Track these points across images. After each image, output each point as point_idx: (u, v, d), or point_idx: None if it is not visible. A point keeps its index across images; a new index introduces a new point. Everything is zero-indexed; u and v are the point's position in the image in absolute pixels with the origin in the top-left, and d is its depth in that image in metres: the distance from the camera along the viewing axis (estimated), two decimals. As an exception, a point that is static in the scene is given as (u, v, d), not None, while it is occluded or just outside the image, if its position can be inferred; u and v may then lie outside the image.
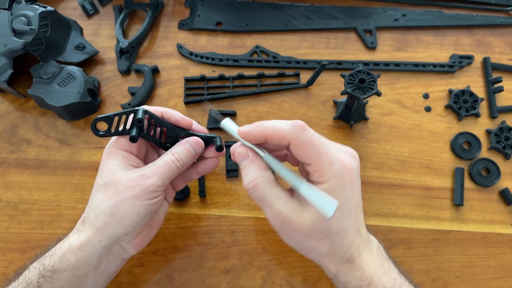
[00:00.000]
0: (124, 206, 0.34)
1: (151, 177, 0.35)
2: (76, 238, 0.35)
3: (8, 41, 0.50)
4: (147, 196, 0.34)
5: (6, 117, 0.55)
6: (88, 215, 0.36)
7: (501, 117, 0.54)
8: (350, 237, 0.33)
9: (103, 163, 0.37)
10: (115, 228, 0.35)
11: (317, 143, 0.32)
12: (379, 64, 0.57)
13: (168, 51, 0.59)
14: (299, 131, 0.31)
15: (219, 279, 0.45)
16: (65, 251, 0.34)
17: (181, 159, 0.37)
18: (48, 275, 0.34)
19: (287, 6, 0.62)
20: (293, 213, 0.32)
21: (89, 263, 0.35)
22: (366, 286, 0.34)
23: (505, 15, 0.61)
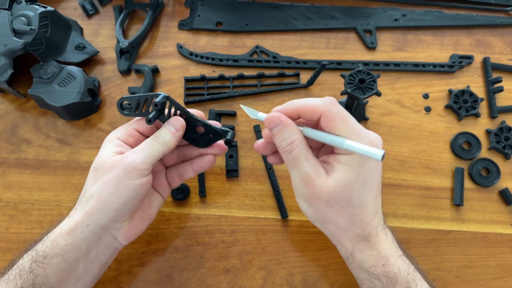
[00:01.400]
0: (108, 188, 0.34)
1: (131, 155, 0.35)
2: (66, 223, 0.36)
3: (8, 41, 0.50)
4: (128, 176, 0.34)
5: (6, 117, 0.55)
6: (80, 199, 0.37)
7: (501, 117, 0.54)
8: (370, 214, 0.35)
9: (100, 150, 0.37)
10: (100, 212, 0.35)
11: (346, 117, 0.34)
12: (379, 64, 0.57)
13: (168, 51, 0.59)
14: (331, 104, 0.34)
15: (219, 279, 0.45)
16: (56, 236, 0.35)
17: (165, 140, 0.36)
18: (40, 260, 0.34)
19: (287, 6, 0.62)
20: (319, 176, 0.34)
21: (79, 248, 0.35)
22: (382, 266, 0.34)
23: (505, 15, 0.61)
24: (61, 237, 0.35)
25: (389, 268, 0.34)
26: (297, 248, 0.47)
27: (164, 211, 0.49)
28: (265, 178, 0.50)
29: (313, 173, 0.34)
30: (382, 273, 0.35)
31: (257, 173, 0.51)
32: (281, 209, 0.48)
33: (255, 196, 0.49)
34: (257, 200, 0.49)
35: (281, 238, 0.47)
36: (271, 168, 0.50)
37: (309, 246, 0.47)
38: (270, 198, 0.49)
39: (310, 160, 0.34)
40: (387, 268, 0.34)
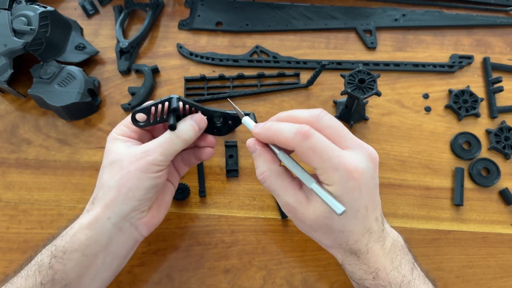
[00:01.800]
0: (130, 179, 0.35)
1: (154, 153, 0.36)
2: (86, 217, 0.36)
3: (8, 41, 0.50)
4: (151, 169, 0.35)
5: (6, 117, 0.55)
6: (96, 194, 0.37)
7: (501, 117, 0.54)
8: (356, 236, 0.34)
9: (108, 147, 0.38)
10: (122, 202, 0.35)
11: (320, 150, 0.31)
12: (379, 64, 0.57)
13: (168, 51, 0.59)
14: (302, 139, 0.32)
15: (219, 279, 0.45)
16: (75, 231, 0.35)
17: (185, 135, 0.37)
18: (59, 256, 0.34)
19: (287, 6, 0.62)
20: (299, 204, 0.34)
21: (100, 242, 0.35)
22: (372, 279, 0.34)
23: (505, 15, 0.61)
24: (81, 231, 0.35)
25: (379, 281, 0.34)
26: (297, 248, 0.47)
27: (164, 211, 0.49)
28: (265, 178, 0.50)
29: (292, 202, 0.34)
30: (372, 285, 0.35)
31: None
32: (281, 209, 0.48)
33: (255, 196, 0.49)
34: (257, 200, 0.49)
35: (281, 238, 0.47)
36: (271, 168, 0.50)
37: (309, 246, 0.47)
38: (270, 198, 0.49)
39: (287, 189, 0.34)
40: (377, 281, 0.34)
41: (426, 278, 0.36)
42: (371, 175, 0.33)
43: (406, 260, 0.35)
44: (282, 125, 0.34)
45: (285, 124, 0.34)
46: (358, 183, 0.32)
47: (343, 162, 0.31)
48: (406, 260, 0.35)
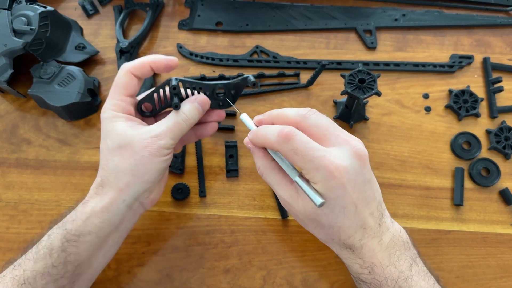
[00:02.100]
0: (144, 164, 0.36)
1: (164, 137, 0.37)
2: (98, 201, 0.37)
3: (8, 41, 0.50)
4: (162, 153, 0.37)
5: (6, 117, 0.55)
6: (106, 178, 0.37)
7: (501, 117, 0.54)
8: (347, 232, 0.34)
9: (108, 127, 0.37)
10: (137, 185, 0.37)
11: (301, 151, 0.32)
12: (379, 64, 0.57)
13: (168, 51, 0.59)
14: (283, 141, 0.33)
15: (219, 279, 0.45)
16: (88, 215, 0.36)
17: (191, 118, 0.38)
18: (73, 239, 0.35)
19: (287, 6, 0.62)
20: (291, 198, 0.35)
21: (113, 223, 0.37)
22: (367, 273, 0.35)
23: (505, 15, 0.61)
24: (95, 215, 0.36)
25: (375, 276, 0.34)
26: (297, 248, 0.47)
27: (164, 211, 0.49)
28: (265, 178, 0.50)
29: (285, 196, 0.36)
30: (367, 279, 0.35)
31: (257, 173, 0.50)
32: (281, 209, 0.48)
33: (255, 196, 0.49)
34: (257, 200, 0.49)
35: (281, 238, 0.47)
36: (271, 168, 0.50)
37: (309, 246, 0.47)
38: (270, 198, 0.49)
39: (280, 184, 0.36)
40: (373, 276, 0.34)
41: (429, 274, 0.36)
42: (358, 171, 0.33)
43: (405, 256, 0.35)
44: (267, 129, 0.35)
45: (269, 128, 0.35)
46: (341, 182, 0.32)
47: (324, 162, 0.32)
48: (405, 256, 0.35)
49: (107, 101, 0.38)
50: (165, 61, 0.38)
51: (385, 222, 0.36)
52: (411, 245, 0.36)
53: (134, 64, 0.38)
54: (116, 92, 0.38)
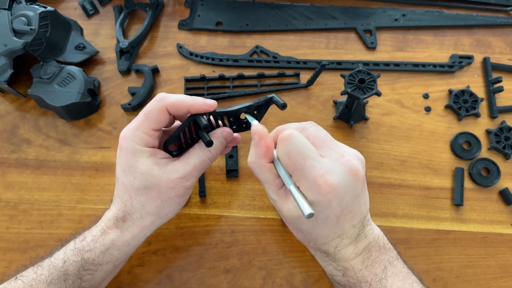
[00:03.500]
0: (170, 204, 0.37)
1: (191, 178, 0.36)
2: (119, 235, 0.37)
3: (8, 41, 0.50)
4: (187, 192, 0.37)
5: (6, 117, 0.55)
6: (129, 215, 0.37)
7: (501, 117, 0.54)
8: (324, 239, 0.35)
9: (131, 161, 0.35)
10: (159, 222, 0.39)
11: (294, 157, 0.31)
12: (379, 64, 0.57)
13: (168, 51, 0.59)
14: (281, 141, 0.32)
15: (219, 279, 0.45)
16: (107, 247, 0.36)
17: (216, 154, 0.37)
18: (91, 269, 0.36)
19: (287, 6, 0.62)
20: (279, 199, 0.35)
21: (130, 253, 0.39)
22: (341, 275, 0.36)
23: (505, 15, 0.61)
24: (115, 248, 0.37)
25: (348, 278, 0.35)
26: (297, 248, 0.47)
27: (164, 211, 0.49)
28: (265, 178, 0.50)
29: (272, 195, 0.35)
30: (341, 281, 0.36)
31: (257, 173, 0.51)
32: (281, 209, 0.48)
33: (255, 196, 0.49)
34: (257, 200, 0.49)
35: (281, 238, 0.47)
36: (271, 168, 0.50)
37: (309, 246, 0.47)
38: (270, 198, 0.49)
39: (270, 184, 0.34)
40: (346, 278, 0.35)
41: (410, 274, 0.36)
42: (348, 187, 0.32)
43: (380, 259, 0.35)
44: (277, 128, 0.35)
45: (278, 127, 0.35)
46: (327, 197, 0.31)
47: (313, 174, 0.31)
48: (380, 259, 0.35)
49: (131, 128, 0.35)
50: (204, 105, 0.35)
51: (365, 230, 0.35)
52: (389, 248, 0.36)
53: (173, 102, 0.35)
54: (145, 124, 0.35)
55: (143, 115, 0.35)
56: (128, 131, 0.35)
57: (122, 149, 0.36)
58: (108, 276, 0.39)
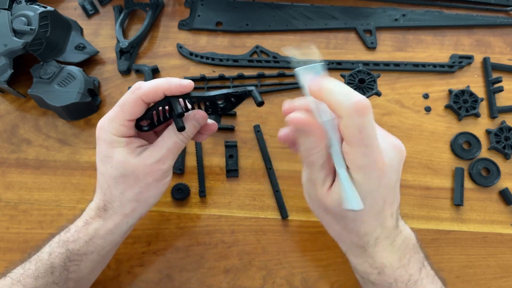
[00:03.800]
0: (149, 190, 0.37)
1: (166, 161, 0.37)
2: (101, 224, 0.37)
3: (8, 41, 0.50)
4: (165, 176, 0.38)
5: (6, 117, 0.55)
6: (109, 203, 0.37)
7: (501, 117, 0.54)
8: (367, 228, 0.33)
9: (107, 151, 0.36)
10: (142, 209, 0.38)
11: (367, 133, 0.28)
12: (379, 64, 0.57)
13: (168, 51, 0.59)
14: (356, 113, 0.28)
15: (219, 279, 0.45)
16: (91, 237, 0.37)
17: (188, 136, 0.38)
18: (76, 259, 0.36)
19: (287, 6, 0.62)
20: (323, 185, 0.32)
21: (115, 241, 0.38)
22: (377, 274, 0.34)
23: (505, 15, 0.61)
24: (98, 237, 0.37)
25: (384, 277, 0.33)
26: (297, 248, 0.47)
27: (164, 211, 0.49)
28: (265, 178, 0.50)
29: (319, 181, 0.32)
30: (376, 280, 0.34)
31: (257, 173, 0.51)
32: (281, 209, 0.48)
33: (255, 196, 0.49)
34: (257, 200, 0.49)
35: (281, 238, 0.47)
36: (271, 168, 0.50)
37: (309, 246, 0.47)
38: (270, 198, 0.49)
39: (324, 169, 0.32)
40: (382, 277, 0.33)
41: (436, 277, 0.35)
42: (394, 168, 0.32)
43: (415, 259, 0.34)
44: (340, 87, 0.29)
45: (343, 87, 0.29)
46: (381, 174, 0.30)
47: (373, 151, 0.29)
48: (415, 259, 0.34)
49: (107, 119, 0.36)
50: (180, 87, 0.35)
51: (399, 224, 0.35)
52: (420, 248, 0.36)
53: (147, 91, 0.35)
54: (120, 116, 0.36)
55: (119, 106, 0.36)
56: (105, 122, 0.37)
57: (99, 140, 0.37)
58: (96, 268, 0.39)
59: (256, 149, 0.52)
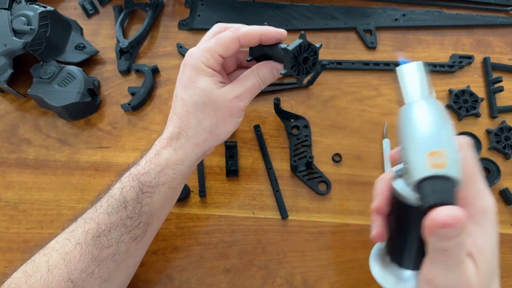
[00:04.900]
0: (224, 124, 0.38)
1: (244, 99, 0.38)
2: (172, 153, 0.37)
3: (8, 41, 0.50)
4: (239, 114, 0.38)
5: (6, 117, 0.55)
6: (184, 131, 0.37)
7: (501, 117, 0.54)
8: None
9: (193, 77, 0.37)
10: (212, 142, 0.38)
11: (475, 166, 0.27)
12: (379, 64, 0.57)
13: (168, 51, 0.59)
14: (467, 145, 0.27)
15: (219, 278, 0.45)
16: (162, 167, 0.36)
17: (265, 82, 0.38)
18: (148, 191, 0.36)
19: (287, 6, 0.62)
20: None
21: (184, 174, 0.38)
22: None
23: (505, 15, 0.61)
24: (169, 167, 0.37)
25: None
26: (297, 248, 0.47)
27: (164, 211, 0.49)
28: (265, 178, 0.50)
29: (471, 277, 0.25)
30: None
31: (257, 173, 0.51)
32: (281, 209, 0.48)
33: (255, 196, 0.49)
34: (257, 200, 0.49)
35: (281, 238, 0.47)
36: (271, 168, 0.50)
37: (309, 246, 0.47)
38: (270, 198, 0.49)
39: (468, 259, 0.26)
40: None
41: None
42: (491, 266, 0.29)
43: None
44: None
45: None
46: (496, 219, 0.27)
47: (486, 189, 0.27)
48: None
49: (199, 48, 0.37)
50: (277, 34, 0.37)
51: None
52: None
53: (245, 33, 0.36)
54: (214, 48, 0.36)
55: (215, 39, 0.37)
56: (196, 50, 0.37)
57: (186, 65, 0.38)
58: (166, 203, 0.38)
59: (256, 149, 0.52)
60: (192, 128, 0.37)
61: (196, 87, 0.37)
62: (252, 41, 0.37)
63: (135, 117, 0.55)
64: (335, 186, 0.49)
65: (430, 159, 0.23)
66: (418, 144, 0.24)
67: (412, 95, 0.27)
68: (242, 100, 0.37)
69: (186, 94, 0.37)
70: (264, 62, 0.38)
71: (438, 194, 0.22)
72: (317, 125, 0.53)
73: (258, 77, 0.38)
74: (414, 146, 0.24)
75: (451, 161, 0.23)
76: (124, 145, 0.53)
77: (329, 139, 0.52)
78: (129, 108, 0.54)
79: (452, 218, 0.22)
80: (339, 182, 0.50)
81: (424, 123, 0.25)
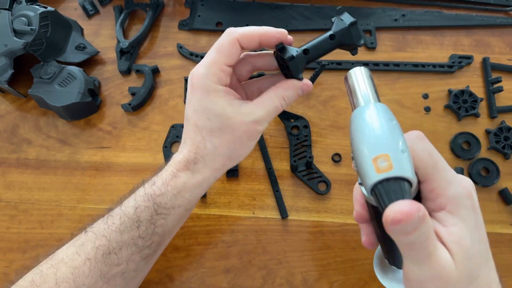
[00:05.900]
0: (242, 147, 0.36)
1: (263, 123, 0.35)
2: (190, 177, 0.36)
3: (8, 41, 0.50)
4: (258, 136, 0.36)
5: (7, 117, 0.55)
6: (201, 157, 0.35)
7: (501, 117, 0.54)
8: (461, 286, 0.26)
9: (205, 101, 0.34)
10: (230, 165, 0.37)
11: (435, 156, 0.28)
12: (378, 64, 0.57)
13: (168, 51, 0.60)
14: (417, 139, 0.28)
15: (219, 278, 0.45)
16: (179, 190, 0.36)
17: (289, 104, 0.36)
18: (164, 213, 0.35)
19: (287, 6, 0.62)
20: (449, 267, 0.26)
21: (199, 196, 0.37)
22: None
23: (504, 15, 0.61)
24: (186, 190, 0.36)
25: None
26: (297, 248, 0.47)
27: (164, 211, 0.49)
28: (265, 178, 0.50)
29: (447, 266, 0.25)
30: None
31: (257, 173, 0.51)
32: (281, 209, 0.48)
33: (255, 196, 0.50)
34: (257, 200, 0.49)
35: (281, 238, 0.47)
36: (271, 168, 0.50)
37: (309, 246, 0.47)
38: (270, 198, 0.49)
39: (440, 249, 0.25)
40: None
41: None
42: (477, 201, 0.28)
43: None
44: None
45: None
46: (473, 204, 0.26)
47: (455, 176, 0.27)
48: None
49: (203, 65, 0.34)
50: (277, 34, 0.34)
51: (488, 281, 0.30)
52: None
53: (243, 33, 0.33)
54: (217, 60, 0.34)
55: (215, 50, 0.34)
56: (201, 68, 0.34)
57: (194, 88, 0.34)
58: (180, 221, 0.38)
59: (256, 149, 0.52)
60: (209, 154, 0.35)
61: (209, 113, 0.34)
62: (252, 42, 0.34)
63: (136, 117, 0.55)
64: (335, 186, 0.50)
65: (375, 164, 0.23)
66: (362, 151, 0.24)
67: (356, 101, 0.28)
68: (262, 124, 0.35)
69: (199, 120, 0.34)
70: (290, 81, 0.35)
71: (392, 195, 0.23)
72: (317, 125, 0.53)
73: (283, 99, 0.35)
74: (359, 155, 0.25)
75: (396, 162, 0.23)
76: (124, 145, 0.53)
77: (329, 139, 0.52)
78: (130, 108, 0.54)
79: (401, 214, 0.22)
80: (339, 182, 0.50)
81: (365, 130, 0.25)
